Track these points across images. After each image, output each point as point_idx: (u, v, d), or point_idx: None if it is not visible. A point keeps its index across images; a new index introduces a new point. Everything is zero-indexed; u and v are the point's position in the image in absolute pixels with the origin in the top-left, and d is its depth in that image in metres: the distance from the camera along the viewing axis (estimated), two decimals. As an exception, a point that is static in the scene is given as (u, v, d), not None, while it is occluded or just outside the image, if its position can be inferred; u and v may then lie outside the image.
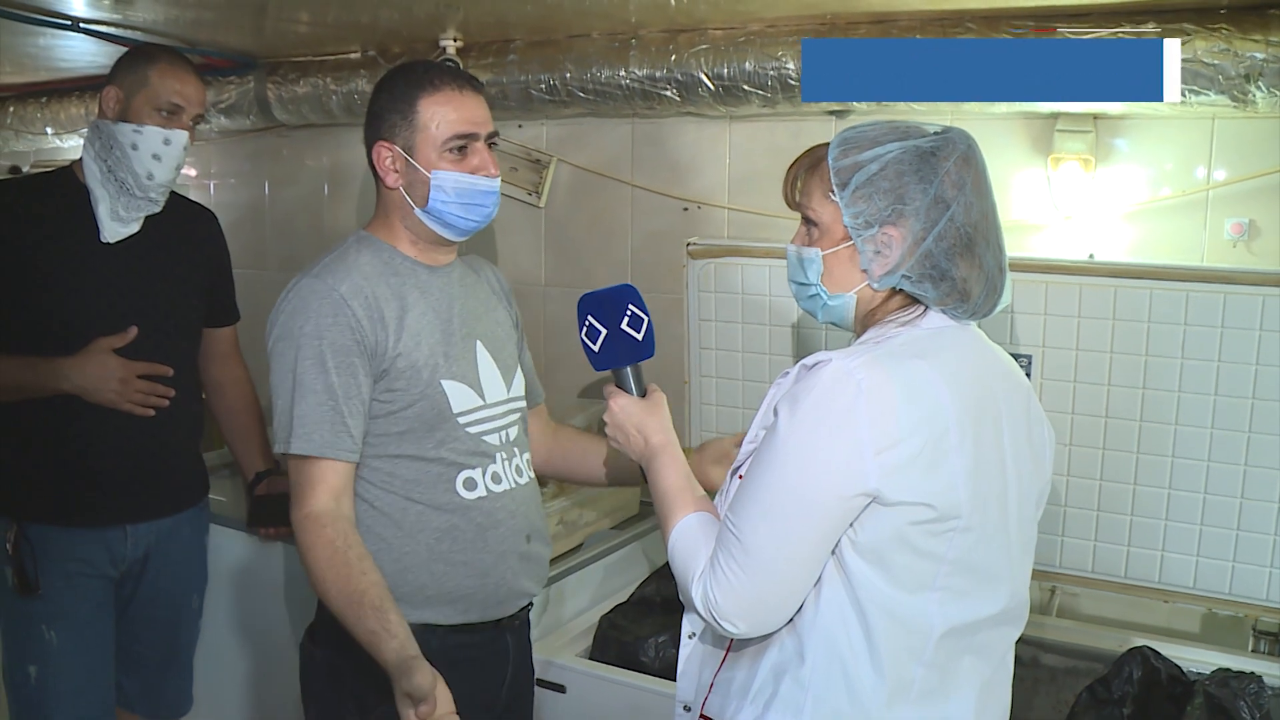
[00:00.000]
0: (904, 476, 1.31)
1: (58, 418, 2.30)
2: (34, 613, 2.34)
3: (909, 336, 1.42)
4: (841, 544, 1.36)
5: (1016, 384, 1.51)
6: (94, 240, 2.32)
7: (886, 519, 1.33)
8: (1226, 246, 2.38)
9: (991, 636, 1.46)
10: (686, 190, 3.00)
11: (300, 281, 1.84)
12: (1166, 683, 2.09)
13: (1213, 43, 2.14)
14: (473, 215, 1.89)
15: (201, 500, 2.60)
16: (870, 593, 1.36)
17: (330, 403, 1.78)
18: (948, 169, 1.40)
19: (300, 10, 2.73)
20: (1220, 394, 2.20)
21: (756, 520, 1.36)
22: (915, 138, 1.43)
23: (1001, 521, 1.42)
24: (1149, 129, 2.44)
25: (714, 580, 1.39)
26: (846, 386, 1.32)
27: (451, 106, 1.84)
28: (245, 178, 3.93)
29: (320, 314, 1.79)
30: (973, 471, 1.36)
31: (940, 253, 1.40)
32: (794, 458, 1.34)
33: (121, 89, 2.31)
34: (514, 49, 2.95)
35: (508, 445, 1.97)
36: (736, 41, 2.63)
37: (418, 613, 1.86)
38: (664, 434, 1.63)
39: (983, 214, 1.43)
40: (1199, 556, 2.28)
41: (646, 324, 1.68)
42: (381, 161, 1.88)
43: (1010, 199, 2.57)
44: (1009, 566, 1.44)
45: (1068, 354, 2.32)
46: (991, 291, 1.44)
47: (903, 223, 1.40)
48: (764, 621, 1.40)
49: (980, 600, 1.41)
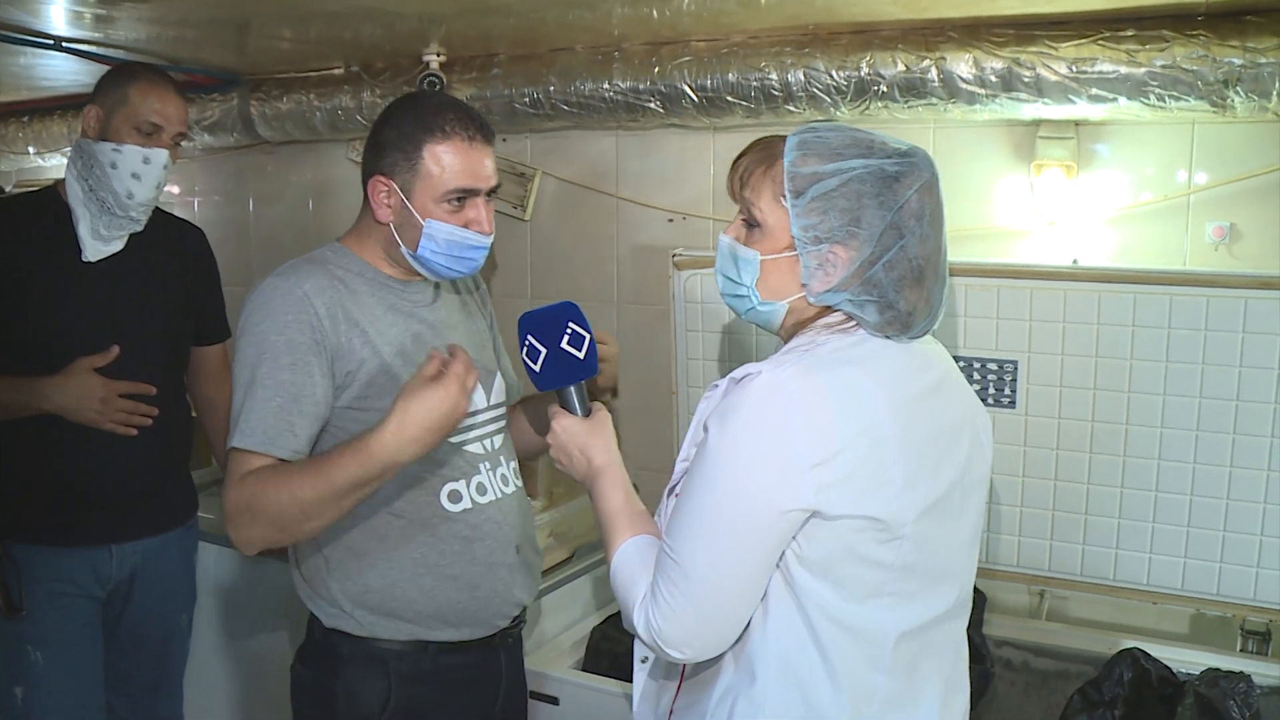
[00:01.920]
0: (844, 490, 1.27)
1: (41, 438, 2.29)
2: (19, 634, 2.32)
3: (840, 343, 1.38)
4: (787, 559, 1.32)
5: (949, 376, 1.48)
6: (76, 259, 2.32)
7: (832, 533, 1.29)
8: (1208, 250, 2.40)
9: (943, 631, 1.43)
10: (671, 201, 3.01)
11: (266, 280, 1.81)
12: (1157, 684, 2.10)
13: (1191, 49, 2.16)
14: (458, 267, 1.84)
15: (190, 519, 2.59)
16: (819, 606, 1.32)
17: (278, 400, 1.74)
18: (909, 197, 1.36)
19: (283, 27, 2.73)
20: (1205, 396, 2.21)
21: (694, 543, 1.32)
22: (880, 157, 1.38)
23: (945, 520, 1.39)
24: (1130, 135, 2.46)
25: (655, 607, 1.35)
26: (778, 399, 1.28)
27: (459, 158, 1.79)
28: (230, 195, 3.92)
29: (281, 311, 1.76)
30: (914, 475, 1.33)
31: (889, 282, 1.36)
32: (727, 476, 1.30)
33: (102, 108, 2.31)
34: (497, 63, 2.95)
35: (492, 454, 1.94)
36: (719, 53, 2.64)
37: (409, 628, 1.84)
38: (607, 454, 1.57)
39: (936, 247, 1.40)
40: (1186, 558, 2.29)
41: (588, 342, 1.62)
42: (376, 195, 1.82)
43: (994, 206, 2.59)
44: (956, 563, 1.42)
45: (1053, 359, 2.33)
46: (930, 319, 1.42)
47: (853, 244, 1.36)
48: (710, 645, 1.36)
49: (930, 600, 1.39)
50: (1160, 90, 2.22)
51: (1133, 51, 2.21)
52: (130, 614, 2.47)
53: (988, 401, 2.39)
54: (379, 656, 1.84)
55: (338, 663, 1.85)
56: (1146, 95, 2.23)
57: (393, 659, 1.84)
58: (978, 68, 2.34)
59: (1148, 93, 2.23)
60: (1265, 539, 2.22)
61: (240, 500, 1.69)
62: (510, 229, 3.25)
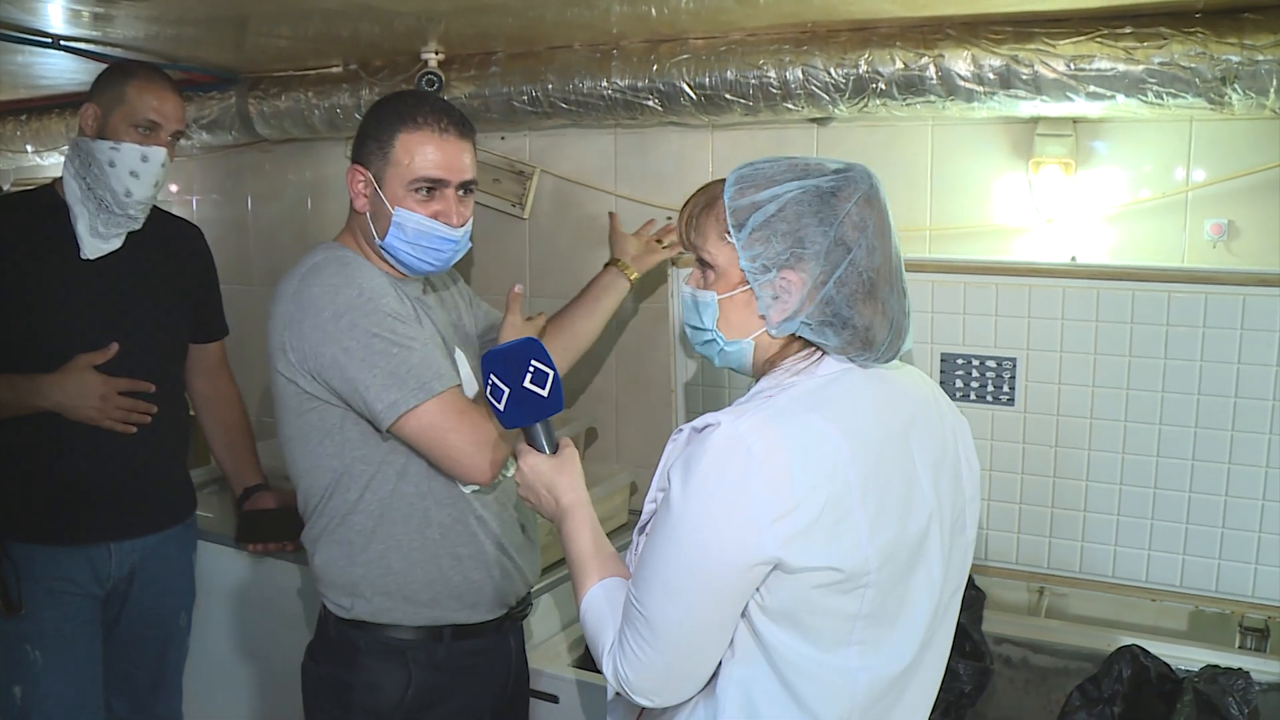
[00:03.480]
0: (805, 542, 1.26)
1: (40, 435, 2.30)
2: (18, 633, 2.33)
3: (803, 388, 1.36)
4: (750, 609, 1.32)
5: (924, 408, 1.46)
6: (74, 257, 2.32)
7: (792, 583, 1.29)
8: (1206, 247, 2.40)
9: (919, 682, 1.43)
10: (670, 199, 3.00)
11: (312, 266, 1.84)
12: (1156, 680, 2.10)
13: (1189, 46, 2.16)
14: (427, 259, 1.88)
15: (188, 517, 2.59)
16: (786, 654, 1.32)
17: (422, 347, 1.80)
18: (849, 210, 1.35)
19: (281, 25, 2.73)
20: (1203, 393, 2.22)
21: (659, 596, 1.32)
22: (815, 176, 1.37)
23: (917, 563, 1.37)
24: (1128, 132, 2.46)
25: (623, 656, 1.36)
26: (736, 453, 1.27)
27: (430, 147, 1.83)
28: (228, 193, 3.92)
29: (362, 277, 1.81)
30: (879, 521, 1.31)
31: (841, 299, 1.35)
32: (688, 532, 1.29)
33: (99, 106, 2.31)
34: (496, 61, 2.95)
35: None
36: (718, 51, 2.64)
37: (427, 612, 1.89)
38: (574, 493, 1.58)
39: (885, 256, 1.38)
40: (1185, 555, 2.29)
41: (552, 379, 1.61)
42: (354, 184, 1.90)
43: (992, 203, 2.59)
44: (922, 610, 1.39)
45: (1051, 356, 2.34)
46: (896, 336, 1.40)
47: (802, 266, 1.35)
48: (676, 693, 1.37)
49: (901, 648, 1.37)
50: (1158, 87, 2.21)
51: (1131, 49, 2.21)
52: (129, 613, 2.47)
53: (986, 399, 2.39)
54: (397, 647, 1.88)
55: (355, 655, 1.88)
56: (1144, 92, 2.23)
57: (409, 648, 1.88)
58: (976, 65, 2.34)
59: (1146, 90, 2.23)
60: (1264, 536, 2.23)
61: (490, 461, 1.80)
62: (509, 227, 3.25)
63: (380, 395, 1.76)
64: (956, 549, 1.46)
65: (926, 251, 2.61)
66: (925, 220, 2.65)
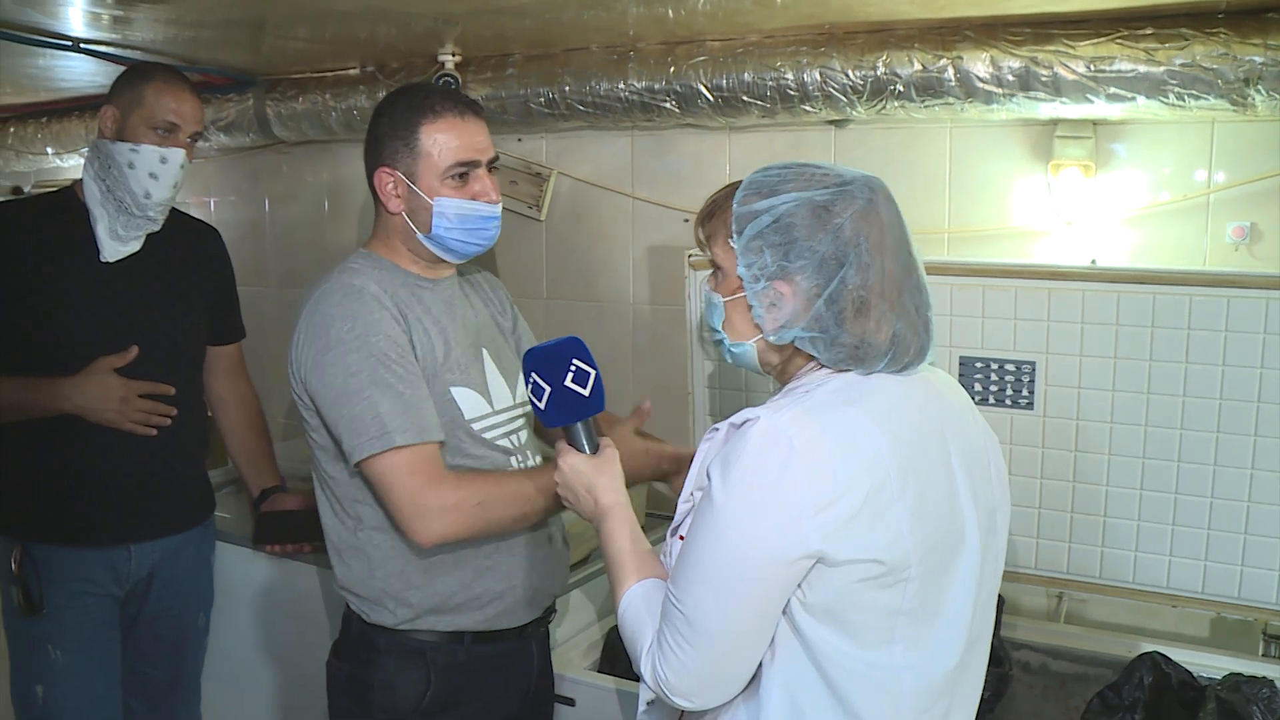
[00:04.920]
0: (847, 534, 1.25)
1: (60, 438, 2.30)
2: (39, 632, 2.34)
3: (838, 383, 1.35)
4: (791, 606, 1.31)
5: (958, 409, 1.45)
6: (94, 260, 2.33)
7: (834, 577, 1.27)
8: (1228, 250, 2.38)
9: (967, 682, 1.41)
10: (687, 201, 3.00)
11: (321, 291, 1.82)
12: (1178, 688, 2.08)
13: (1211, 47, 2.14)
14: (475, 239, 1.90)
15: (207, 518, 2.60)
16: (828, 654, 1.30)
17: (408, 392, 1.77)
18: (841, 225, 1.33)
19: (298, 27, 2.73)
20: (1225, 398, 2.20)
21: (698, 593, 1.30)
22: (816, 189, 1.35)
23: (956, 558, 1.36)
24: (1148, 134, 2.44)
25: (662, 657, 1.34)
26: (777, 446, 1.26)
27: (454, 133, 1.85)
28: (245, 195, 3.94)
29: (363, 313, 1.79)
30: (919, 514, 1.30)
31: (831, 316, 1.34)
32: (730, 526, 1.28)
33: (118, 108, 2.32)
34: (512, 63, 2.95)
35: (521, 448, 1.99)
36: (735, 53, 2.63)
37: (447, 619, 1.88)
38: (614, 494, 1.57)
39: (884, 272, 1.34)
40: (1207, 561, 2.27)
41: (593, 378, 1.60)
42: (384, 187, 1.89)
43: (1011, 206, 2.58)
44: (963, 607, 1.37)
45: (1071, 360, 2.32)
46: (902, 351, 1.36)
47: (794, 280, 1.34)
48: (717, 694, 1.35)
49: (946, 645, 1.35)
50: (1179, 89, 2.20)
51: (1152, 50, 2.19)
52: (147, 614, 2.48)
53: (1005, 403, 2.37)
54: (416, 649, 1.88)
55: (375, 655, 1.89)
56: (1165, 94, 2.22)
57: (430, 650, 1.88)
58: (995, 67, 2.32)
59: (1167, 91, 2.21)
60: (1287, 541, 2.21)
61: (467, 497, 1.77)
62: (525, 229, 3.25)
63: (344, 436, 1.77)
64: (989, 550, 1.44)
65: (945, 254, 2.60)
66: (944, 223, 2.64)
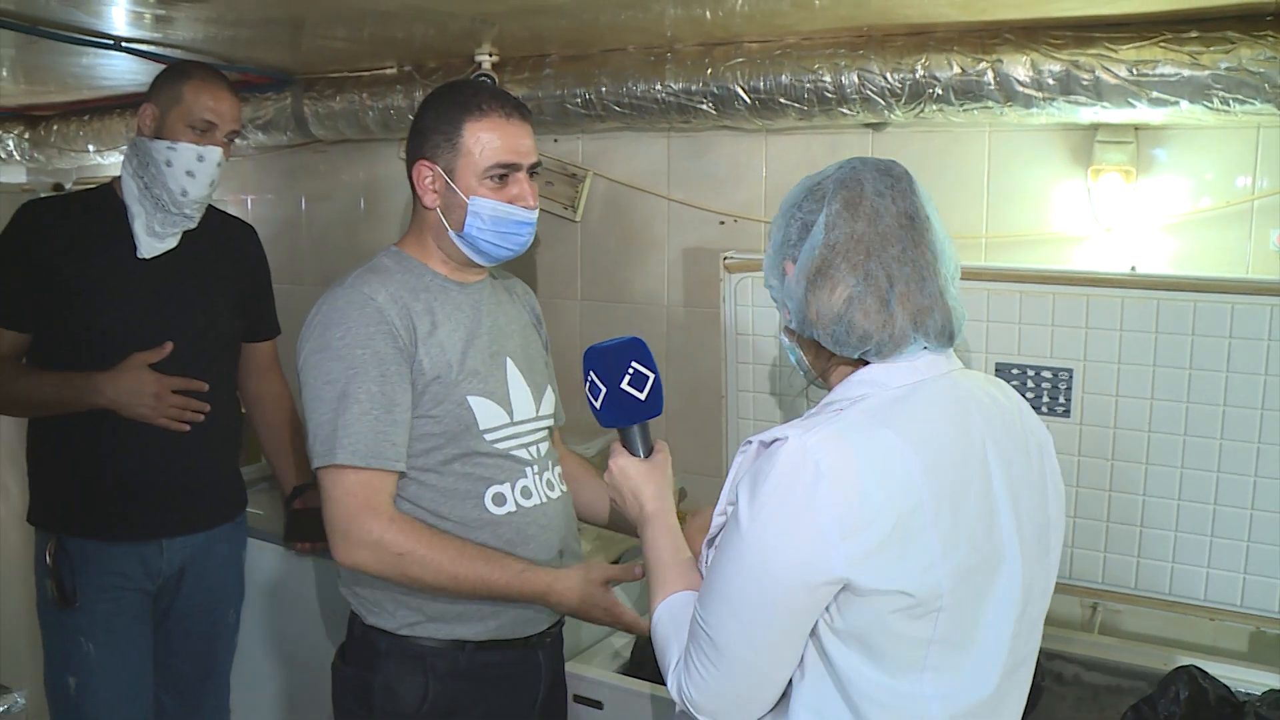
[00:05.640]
0: (874, 563, 1.22)
1: (95, 432, 2.33)
2: (73, 625, 2.36)
3: (876, 401, 1.32)
4: (820, 630, 1.28)
5: (1007, 424, 1.40)
6: (131, 256, 2.35)
7: (863, 606, 1.24)
8: (1272, 257, 2.34)
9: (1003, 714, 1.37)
10: (723, 204, 2.99)
11: (332, 293, 1.83)
12: (1215, 703, 2.05)
13: (1258, 50, 2.10)
14: (506, 244, 1.88)
15: (239, 515, 2.62)
16: (856, 679, 1.28)
17: (375, 412, 1.76)
18: (821, 193, 1.36)
19: (337, 27, 2.75)
20: (1267, 408, 2.16)
21: (724, 615, 1.29)
22: (824, 174, 1.39)
23: (987, 588, 1.31)
24: (1191, 139, 2.40)
25: (687, 676, 1.34)
26: (804, 469, 1.23)
27: (497, 134, 1.84)
28: (282, 193, 3.96)
29: (360, 324, 1.78)
30: (951, 544, 1.26)
31: (801, 285, 1.34)
32: (754, 550, 1.26)
33: (157, 106, 2.34)
34: (549, 63, 2.95)
35: (539, 460, 1.96)
36: (772, 54, 2.62)
37: (446, 628, 1.86)
38: (659, 500, 1.57)
39: (850, 235, 1.31)
40: (1246, 574, 2.24)
41: (651, 382, 1.59)
42: (421, 180, 1.88)
43: (1050, 211, 2.55)
44: (1000, 634, 1.33)
45: (1109, 367, 2.29)
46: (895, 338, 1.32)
47: (795, 258, 1.37)
48: (741, 715, 1.34)
49: (980, 676, 1.32)
50: (1224, 93, 2.16)
51: (1196, 53, 2.15)
52: (178, 609, 2.50)
53: (1041, 410, 2.35)
54: (416, 653, 1.86)
55: (376, 658, 1.87)
56: (1210, 98, 2.18)
57: (430, 655, 1.86)
58: (1035, 70, 2.30)
59: (1211, 96, 2.17)
60: (1328, 556, 2.17)
61: (378, 565, 1.77)
62: (560, 230, 3.25)
63: (308, 439, 1.79)
64: (1039, 574, 1.41)
65: (982, 259, 2.57)
66: (981, 228, 2.61)
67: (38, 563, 2.40)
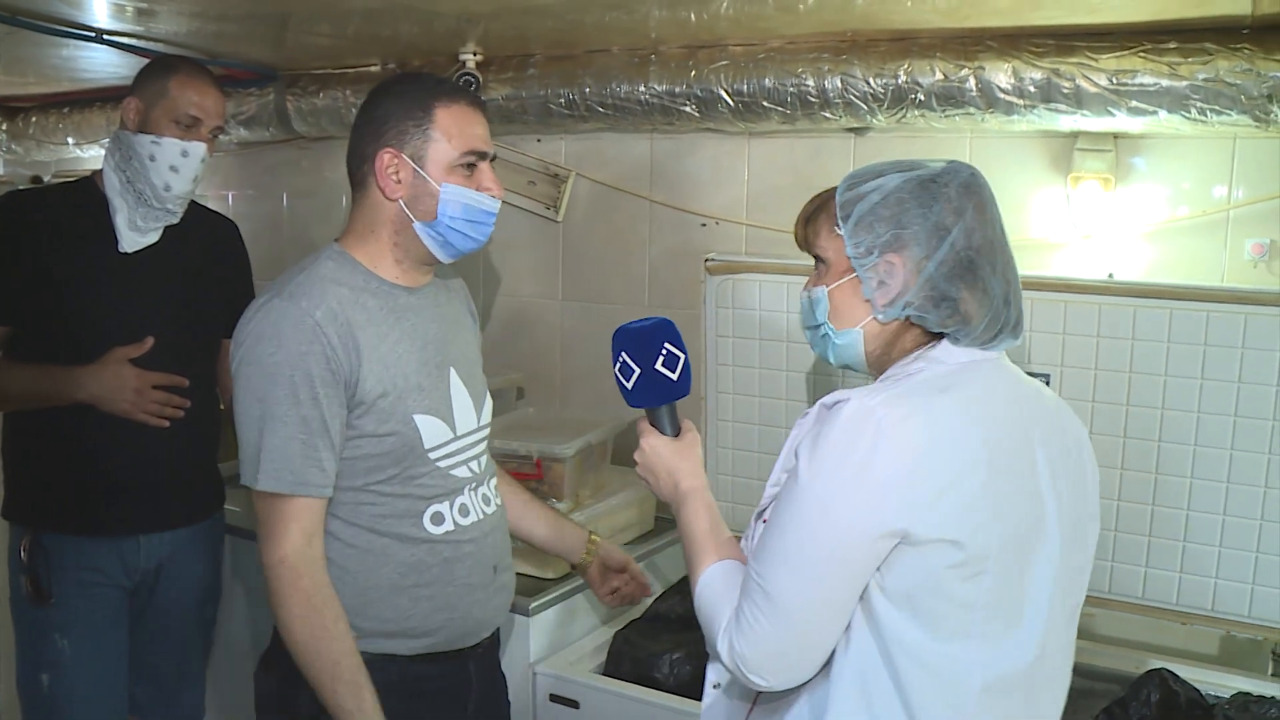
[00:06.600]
0: (931, 512, 1.27)
1: (73, 427, 2.31)
2: (47, 621, 2.34)
3: (932, 373, 1.39)
4: (869, 590, 1.32)
5: (1048, 415, 1.46)
6: (112, 250, 2.34)
7: (916, 561, 1.29)
8: (1247, 267, 2.37)
9: (1036, 704, 1.40)
10: (705, 206, 3.00)
11: (270, 302, 1.74)
12: (1185, 706, 2.07)
13: (1235, 62, 2.13)
14: (475, 234, 1.83)
15: (217, 511, 2.60)
16: (900, 642, 1.31)
17: (302, 436, 1.70)
18: (949, 194, 1.40)
19: (321, 23, 2.74)
20: (1240, 415, 2.18)
21: (780, 568, 1.32)
22: (919, 170, 1.43)
23: (1029, 561, 1.36)
24: (1169, 148, 2.43)
25: (739, 632, 1.35)
26: (866, 425, 1.29)
27: (468, 122, 1.80)
28: (264, 189, 3.95)
29: (294, 341, 1.69)
30: (999, 510, 1.32)
31: (941, 277, 1.38)
32: (816, 502, 1.30)
33: (141, 100, 2.33)
34: (533, 63, 2.96)
35: (478, 475, 1.92)
36: (756, 58, 2.63)
37: (378, 643, 1.80)
38: (695, 478, 1.59)
39: (986, 240, 1.40)
40: (1217, 578, 2.25)
41: (683, 362, 1.60)
42: (383, 170, 1.78)
43: (1029, 218, 2.57)
44: (1039, 609, 1.38)
45: (1086, 373, 2.31)
46: (994, 320, 1.41)
47: (904, 250, 1.39)
48: (792, 674, 1.36)
49: (1014, 648, 1.35)
50: (1202, 104, 2.19)
51: (1175, 64, 2.18)
52: (155, 605, 2.48)
53: (1019, 415, 2.36)
54: None
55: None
56: (1188, 108, 2.21)
57: None
58: (1016, 78, 2.32)
59: (1189, 106, 2.20)
60: (1299, 561, 2.19)
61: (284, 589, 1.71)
62: (543, 230, 3.26)
63: (239, 454, 1.75)
64: (1075, 562, 1.45)
65: (962, 264, 2.59)
66: (961, 233, 2.63)
67: (12, 558, 2.38)
